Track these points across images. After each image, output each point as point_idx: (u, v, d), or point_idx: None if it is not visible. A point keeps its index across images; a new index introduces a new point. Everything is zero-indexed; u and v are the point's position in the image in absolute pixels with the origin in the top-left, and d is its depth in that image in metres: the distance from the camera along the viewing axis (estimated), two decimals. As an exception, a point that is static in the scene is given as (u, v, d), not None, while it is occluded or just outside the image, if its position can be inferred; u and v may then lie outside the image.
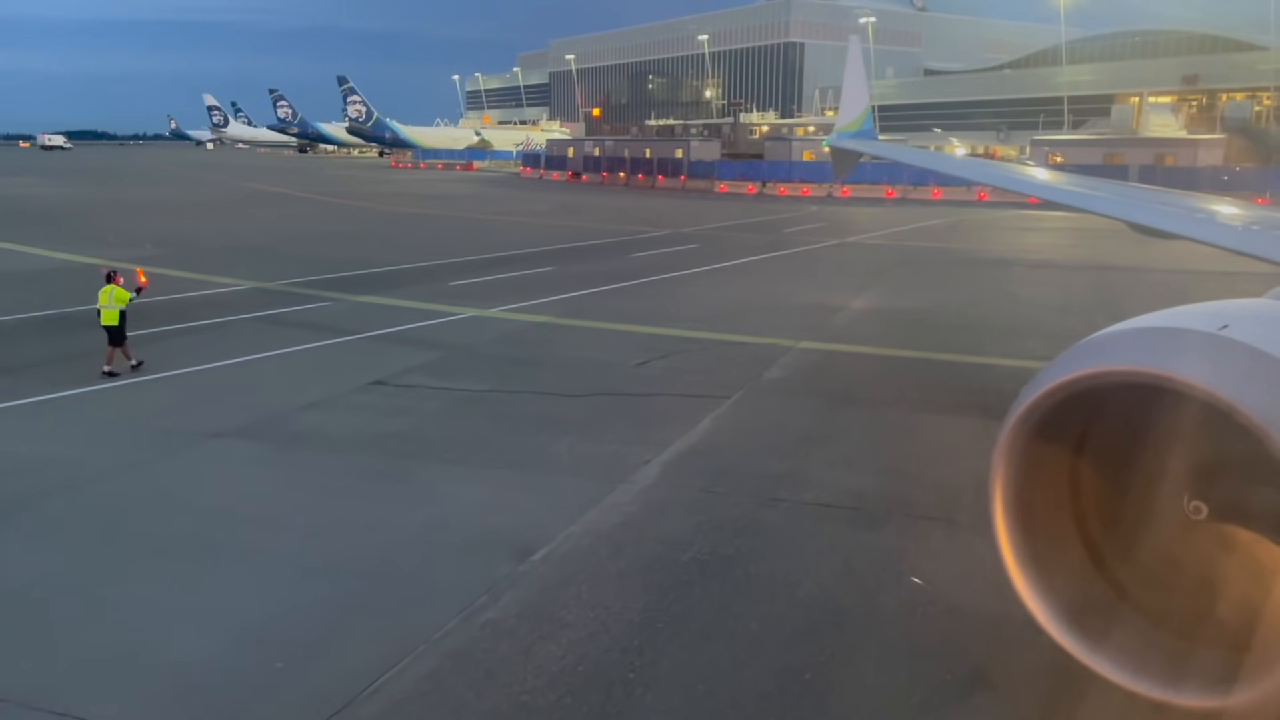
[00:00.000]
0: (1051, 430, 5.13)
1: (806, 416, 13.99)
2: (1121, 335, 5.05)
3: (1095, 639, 5.09)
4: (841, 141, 21.80)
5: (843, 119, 22.42)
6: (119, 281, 16.14)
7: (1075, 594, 5.22)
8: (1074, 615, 5.16)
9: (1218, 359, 4.56)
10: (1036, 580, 5.20)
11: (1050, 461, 5.25)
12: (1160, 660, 4.97)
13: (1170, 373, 4.55)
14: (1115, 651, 5.05)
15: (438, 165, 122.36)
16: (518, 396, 14.89)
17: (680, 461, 11.92)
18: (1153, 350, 4.76)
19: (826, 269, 30.86)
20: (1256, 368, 4.49)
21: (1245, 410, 4.30)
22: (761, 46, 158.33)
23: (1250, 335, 4.68)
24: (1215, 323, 4.79)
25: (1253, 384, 4.40)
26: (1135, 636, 5.07)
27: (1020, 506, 5.24)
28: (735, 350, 18.36)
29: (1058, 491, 5.35)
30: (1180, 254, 34.75)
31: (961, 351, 18.25)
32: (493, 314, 21.72)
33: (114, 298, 15.90)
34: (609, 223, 46.41)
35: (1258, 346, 4.58)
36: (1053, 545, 5.31)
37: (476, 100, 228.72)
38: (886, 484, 11.16)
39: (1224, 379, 4.43)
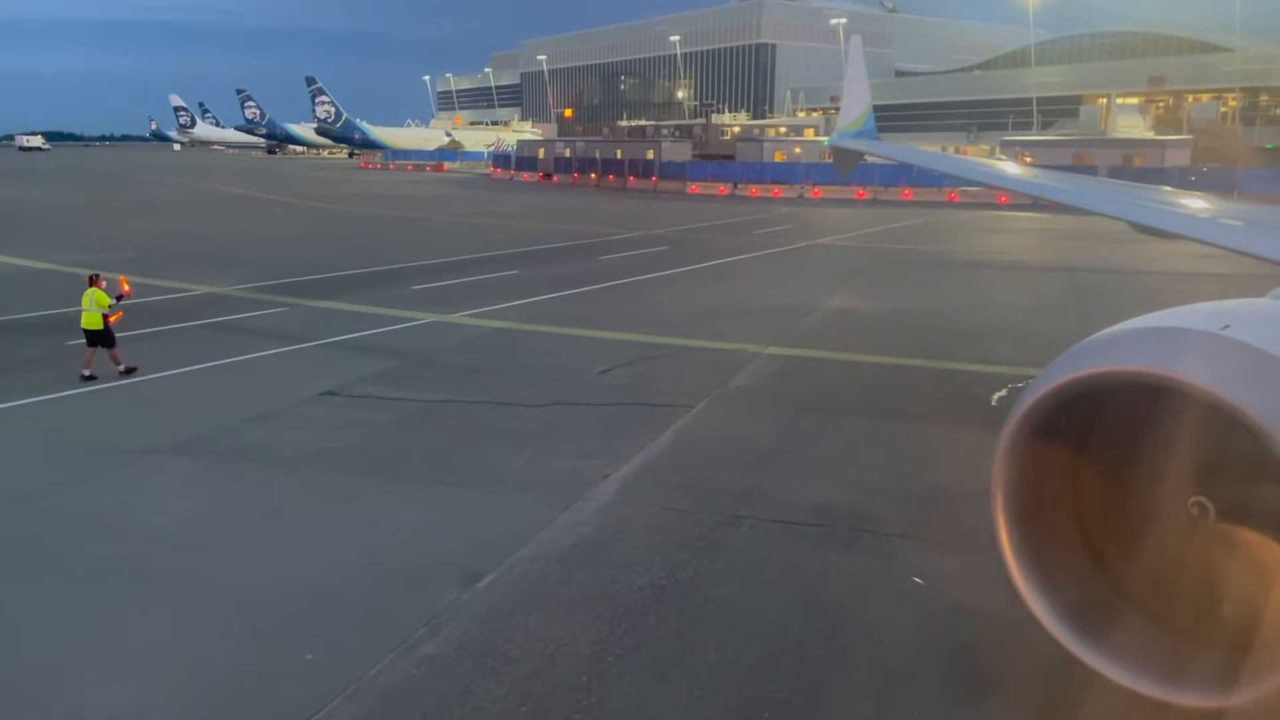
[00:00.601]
0: (1053, 430, 5.12)
1: (772, 426, 13.54)
2: (1123, 335, 5.03)
3: (1097, 639, 5.08)
4: (843, 141, 21.54)
5: (844, 119, 22.26)
6: (101, 285, 15.71)
7: (1077, 594, 5.22)
8: (1075, 615, 5.15)
9: (1219, 359, 4.56)
10: (1038, 580, 5.19)
11: (1052, 461, 5.23)
12: (1162, 660, 4.96)
13: (1172, 373, 4.55)
14: (1117, 651, 5.03)
15: (407, 166, 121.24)
16: (474, 407, 14.34)
17: (640, 476, 11.42)
18: (1154, 350, 4.76)
19: (796, 271, 30.47)
20: (1258, 368, 4.49)
21: (1247, 410, 4.31)
22: (733, 47, 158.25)
23: (1252, 335, 4.67)
24: (1217, 323, 4.79)
25: (1254, 384, 4.40)
26: (1137, 636, 5.07)
27: (1022, 506, 5.22)
28: (701, 356, 17.90)
29: (1059, 491, 5.34)
30: (1149, 255, 34.70)
31: (931, 357, 17.88)
32: (454, 319, 21.13)
33: (95, 301, 15.49)
34: (578, 224, 45.87)
35: (1259, 346, 4.58)
36: (1054, 545, 5.30)
37: (448, 101, 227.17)
38: (854, 499, 10.71)
39: (1226, 379, 4.43)
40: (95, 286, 15.69)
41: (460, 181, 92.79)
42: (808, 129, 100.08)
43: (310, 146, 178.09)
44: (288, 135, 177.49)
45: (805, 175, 70.42)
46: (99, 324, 15.51)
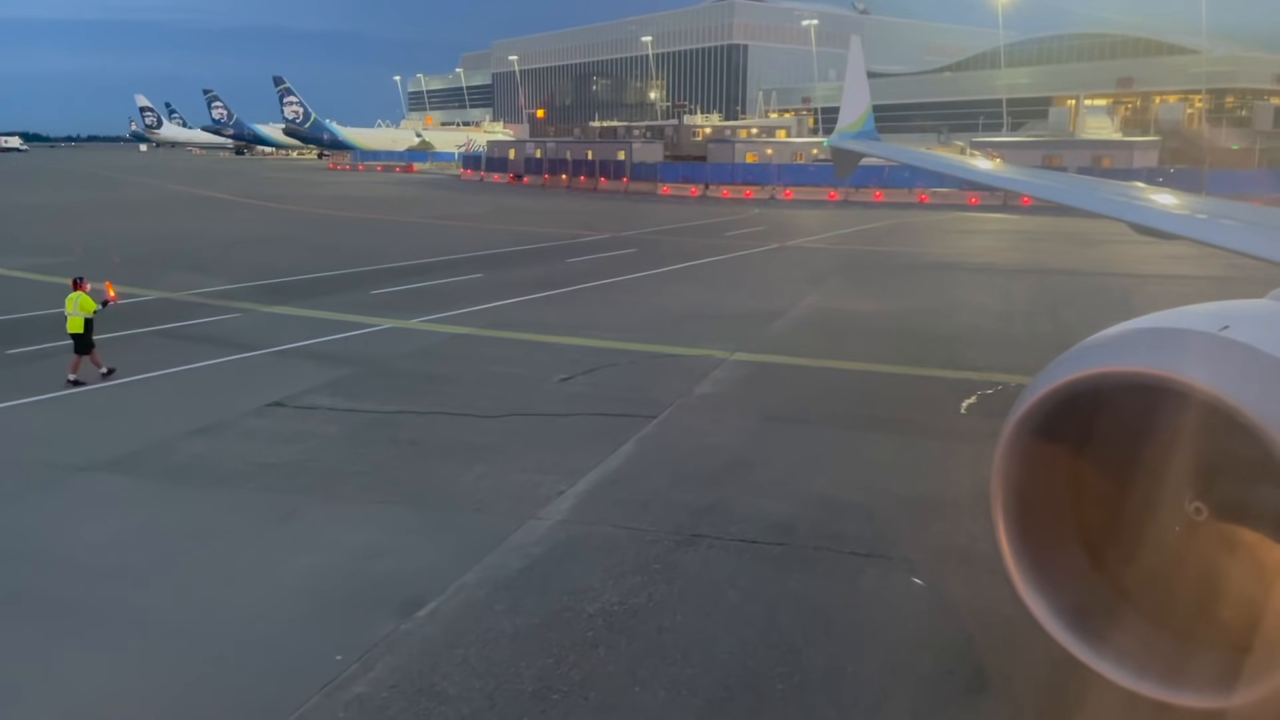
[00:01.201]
0: (1053, 430, 5.11)
1: (736, 437, 13.10)
2: (1123, 336, 5.04)
3: (1096, 639, 5.07)
4: (843, 142, 21.35)
5: (844, 119, 22.10)
6: (85, 289, 15.39)
7: (1076, 594, 5.21)
8: (1075, 616, 5.14)
9: (1219, 360, 4.57)
10: (1037, 580, 5.18)
11: (1051, 461, 5.21)
12: (1161, 661, 4.94)
13: (1172, 373, 4.56)
14: (1116, 652, 5.02)
15: (377, 167, 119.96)
16: (427, 418, 13.80)
17: (597, 492, 10.95)
18: (1154, 351, 4.77)
19: (765, 275, 30.11)
20: (1257, 368, 4.50)
21: (1246, 411, 4.31)
22: (705, 48, 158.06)
23: (1251, 336, 4.69)
24: (1216, 323, 4.80)
25: (1254, 384, 4.41)
26: (1136, 637, 5.06)
27: (1021, 506, 5.20)
28: (666, 363, 17.45)
29: (1059, 491, 5.32)
30: (1119, 258, 34.65)
31: (899, 363, 17.52)
32: (412, 325, 20.55)
33: (79, 305, 15.20)
34: (546, 226, 45.32)
35: (1259, 347, 4.59)
36: (1053, 545, 5.28)
37: (419, 101, 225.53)
38: (817, 515, 10.29)
39: (1225, 380, 4.44)
40: (79, 290, 15.37)
41: (429, 183, 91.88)
42: (779, 130, 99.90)
43: (279, 147, 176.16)
44: (256, 136, 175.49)
45: (777, 176, 70.17)
46: (81, 328, 15.21)
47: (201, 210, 56.05)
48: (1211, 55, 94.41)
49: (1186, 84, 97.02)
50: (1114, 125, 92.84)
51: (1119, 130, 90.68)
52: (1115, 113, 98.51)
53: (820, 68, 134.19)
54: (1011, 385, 15.87)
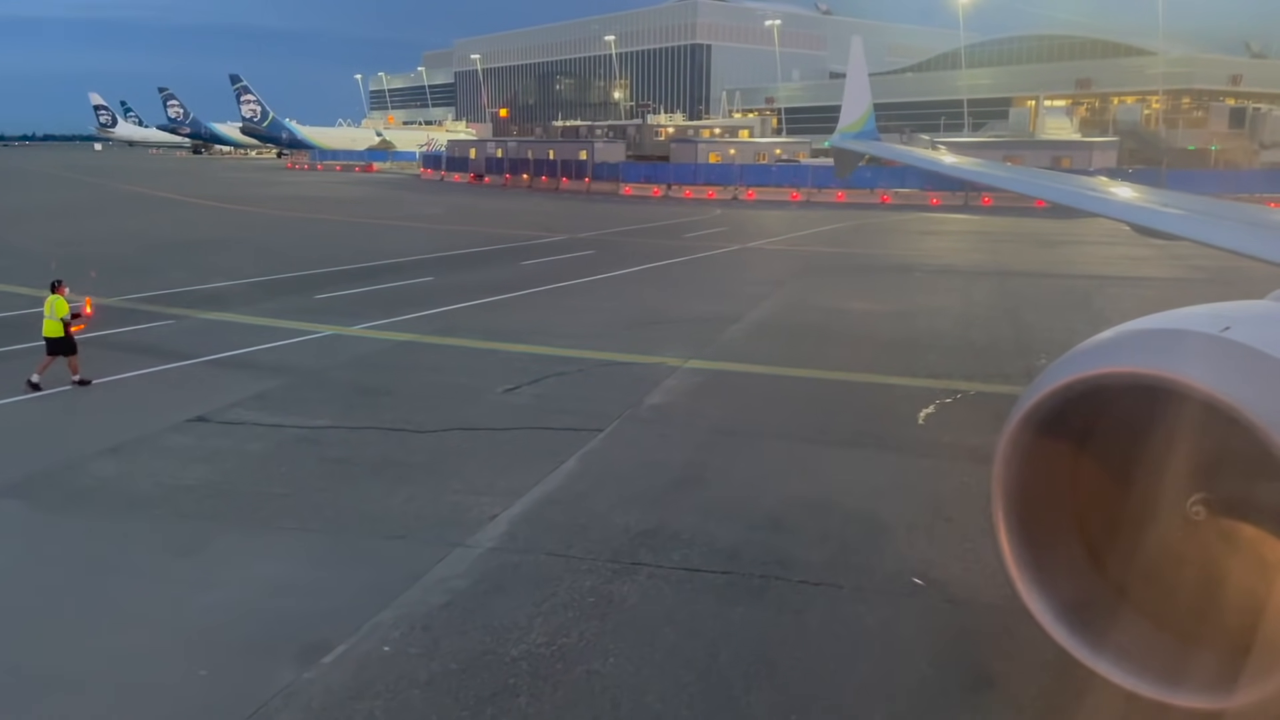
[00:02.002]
0: (1054, 430, 5.11)
1: (685, 451, 12.46)
2: (1124, 337, 5.06)
3: (1096, 639, 5.06)
4: (844, 142, 21.16)
5: (845, 119, 21.83)
6: (63, 292, 14.99)
7: (1076, 594, 5.21)
8: (1074, 615, 5.13)
9: (1220, 360, 4.59)
10: (1036, 580, 5.18)
11: (1052, 462, 5.22)
12: (1161, 661, 4.94)
13: (1172, 374, 4.58)
14: (1116, 652, 5.02)
15: (336, 167, 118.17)
16: (358, 434, 13.03)
17: (533, 515, 10.26)
18: (1155, 351, 4.79)
19: (725, 277, 29.53)
20: (1258, 369, 4.51)
21: (1247, 411, 4.32)
22: (668, 48, 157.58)
23: (1252, 337, 4.70)
24: (1217, 324, 4.83)
25: (1254, 385, 4.42)
26: (1136, 637, 5.06)
27: (1021, 506, 5.20)
28: (617, 372, 16.78)
29: (1059, 492, 5.33)
30: (1080, 258, 34.49)
31: (858, 369, 16.97)
32: (354, 332, 19.73)
33: (55, 309, 14.79)
34: (504, 227, 44.49)
35: (1259, 348, 4.61)
36: (1053, 545, 5.29)
37: (380, 100, 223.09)
38: (766, 538, 9.67)
39: (1226, 380, 4.45)
40: (58, 294, 14.97)
41: (388, 182, 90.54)
42: (742, 130, 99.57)
43: (237, 146, 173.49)
44: (213, 135, 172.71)
45: (739, 177, 69.68)
46: (59, 332, 14.90)
47: (149, 211, 54.63)
48: (1168, 57, 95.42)
49: (1144, 85, 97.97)
50: (1073, 126, 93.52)
51: (1078, 131, 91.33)
52: (1074, 113, 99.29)
53: (783, 68, 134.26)
54: (970, 393, 15.39)
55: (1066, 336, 20.20)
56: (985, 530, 9.99)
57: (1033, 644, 7.77)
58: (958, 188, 63.08)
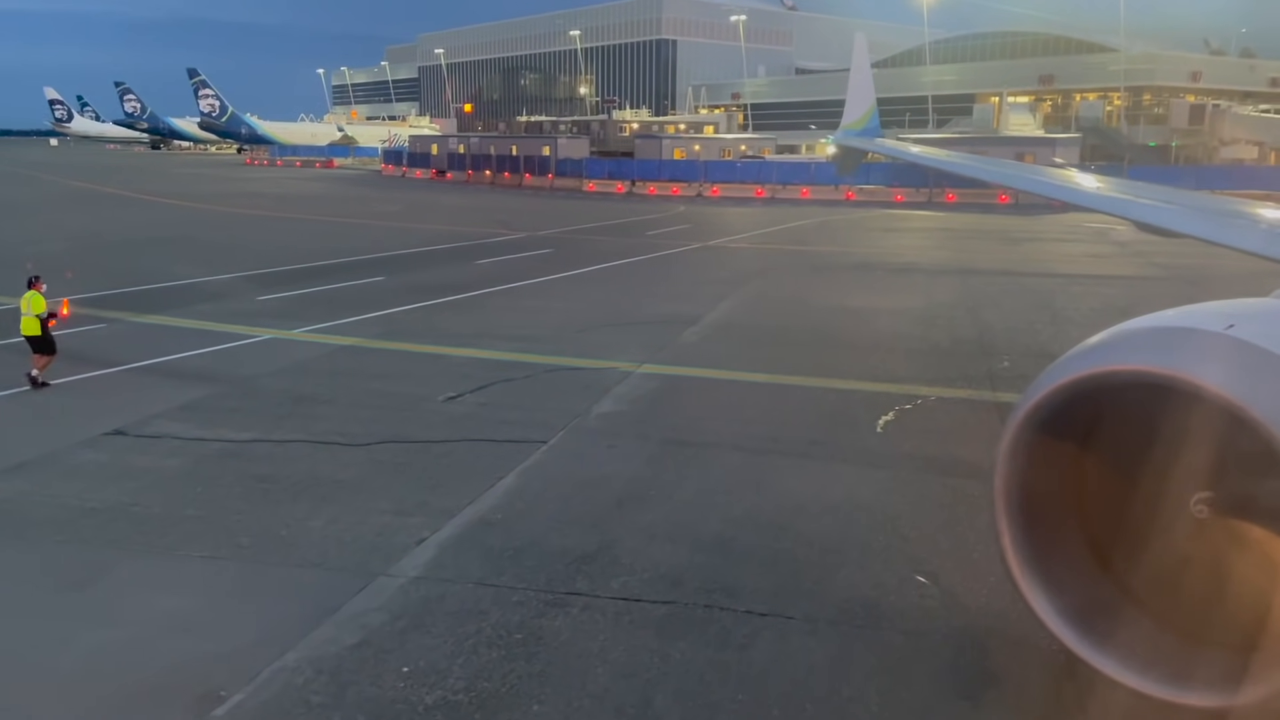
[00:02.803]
0: (1057, 428, 5.06)
1: (632, 465, 11.81)
2: (1128, 334, 5.03)
3: (1100, 639, 5.01)
4: (847, 140, 20.87)
5: (848, 117, 21.64)
6: (40, 288, 14.96)
7: (1080, 593, 5.14)
8: (1078, 615, 5.08)
9: (1224, 358, 4.55)
10: (1040, 579, 5.13)
11: (1055, 460, 5.17)
12: (1166, 660, 4.90)
13: (1177, 371, 4.56)
14: (1121, 651, 4.97)
15: (296, 162, 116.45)
16: (285, 448, 12.26)
17: (464, 539, 9.57)
18: (1159, 349, 4.77)
19: (685, 276, 28.93)
20: (1263, 366, 4.49)
21: (1251, 409, 4.31)
22: (634, 43, 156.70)
23: (1256, 334, 4.67)
24: (1222, 322, 4.80)
25: (1259, 382, 4.40)
26: (1141, 636, 5.01)
27: (1024, 504, 5.15)
28: (566, 378, 16.10)
29: (1062, 489, 5.29)
30: (1042, 256, 34.22)
31: (816, 374, 16.42)
32: (294, 336, 18.91)
33: (32, 305, 14.74)
34: (462, 225, 43.61)
35: (1264, 346, 4.58)
36: (1057, 543, 5.23)
37: (343, 95, 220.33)
38: (712, 563, 9.04)
39: (1230, 378, 4.43)
40: (35, 290, 14.67)
41: (348, 179, 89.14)
42: (707, 126, 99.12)
43: (196, 142, 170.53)
44: (171, 130, 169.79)
45: (704, 173, 69.11)
46: (36, 329, 14.73)
47: (98, 208, 53.14)
48: (1129, 54, 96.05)
49: (1106, 82, 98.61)
50: (1036, 122, 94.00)
51: (1041, 127, 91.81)
52: (1037, 110, 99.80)
53: (750, 64, 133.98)
54: (931, 399, 14.88)
55: (1029, 338, 19.86)
56: (943, 551, 9.49)
57: (997, 681, 7.25)
58: (922, 183, 62.97)
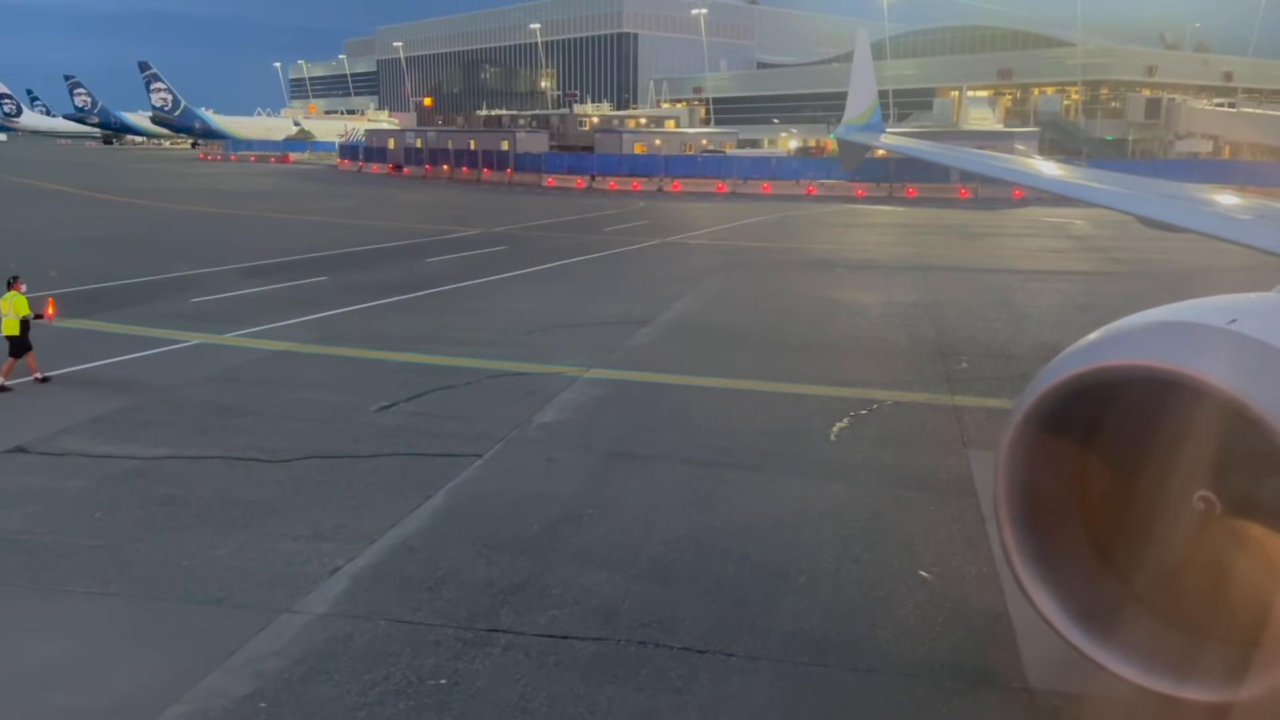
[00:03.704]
0: (1059, 424, 5.04)
1: (572, 481, 11.11)
2: (1130, 329, 5.01)
3: (1104, 635, 5.01)
4: (850, 135, 20.83)
5: (850, 112, 21.59)
6: (20, 288, 14.69)
7: (1082, 590, 5.13)
8: (1081, 611, 5.06)
9: (1227, 353, 4.54)
10: (1042, 576, 5.11)
11: (1057, 456, 5.15)
12: (1169, 656, 4.89)
13: (1179, 367, 4.55)
14: (1124, 647, 4.97)
15: (250, 157, 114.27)
16: (200, 466, 11.42)
17: (382, 568, 8.82)
18: (1162, 344, 4.75)
19: (641, 274, 28.25)
20: (1265, 362, 4.48)
21: (1254, 404, 4.30)
22: (595, 36, 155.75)
23: (1259, 329, 4.66)
24: (1224, 317, 4.77)
25: (1261, 378, 4.39)
26: (1144, 632, 5.00)
27: (1025, 501, 5.12)
28: (509, 384, 15.37)
29: (1064, 486, 5.26)
30: (1001, 251, 33.94)
31: (769, 378, 15.82)
32: (226, 340, 17.99)
33: (14, 306, 14.43)
34: (415, 222, 42.62)
35: (1267, 341, 4.57)
36: (1059, 540, 5.21)
37: (301, 89, 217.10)
38: (650, 592, 8.37)
39: (1233, 373, 4.42)
40: (14, 290, 14.26)
41: (302, 174, 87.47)
42: (668, 120, 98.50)
43: (150, 137, 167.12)
44: (123, 124, 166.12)
45: (664, 168, 68.44)
46: (17, 330, 14.41)
47: (31, 205, 51.43)
48: (1086, 48, 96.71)
49: (1063, 76, 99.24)
50: (995, 116, 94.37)
51: (1000, 121, 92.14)
52: (997, 104, 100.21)
53: (711, 58, 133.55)
54: (887, 403, 14.32)
55: (987, 337, 19.39)
56: (897, 575, 8.89)
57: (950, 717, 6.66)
58: (883, 178, 62.78)
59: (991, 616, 7.95)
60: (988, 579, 8.60)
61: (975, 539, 9.48)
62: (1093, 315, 21.36)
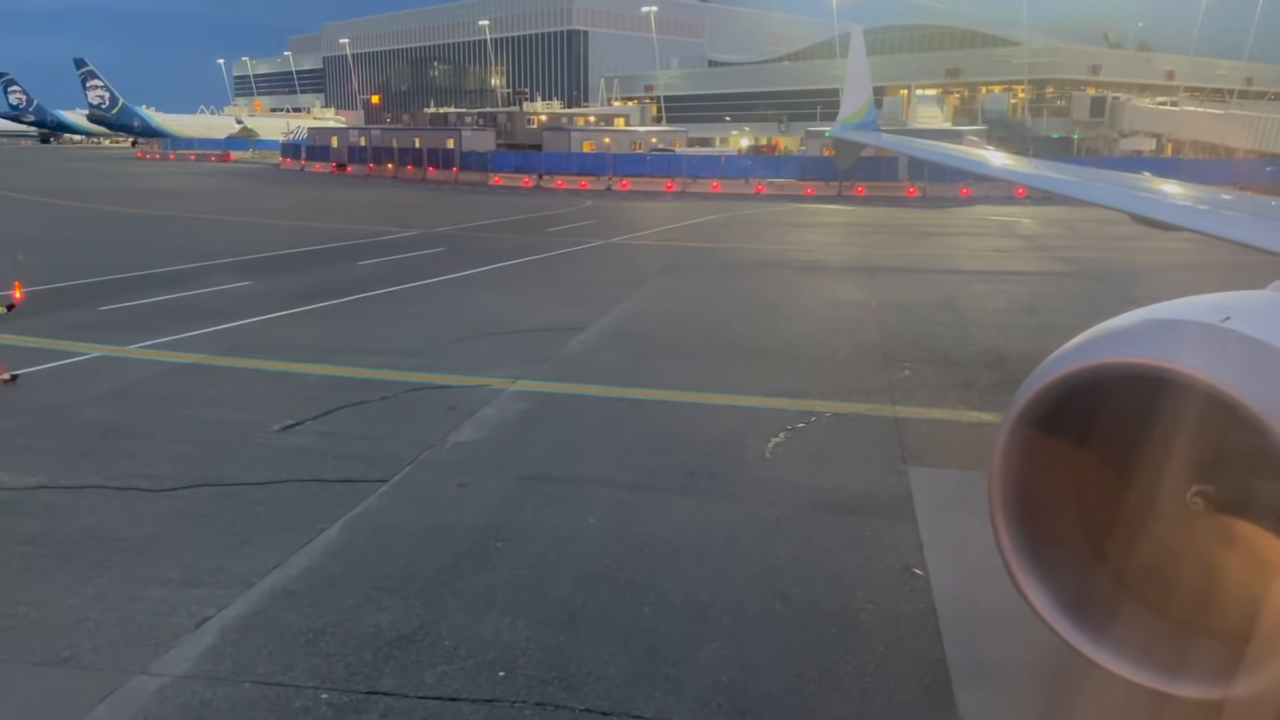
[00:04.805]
0: (1053, 422, 5.08)
1: (483, 509, 10.23)
2: (1124, 327, 5.04)
3: (1096, 631, 5.05)
4: (845, 133, 20.75)
5: (845, 110, 21.47)
6: None
7: (1076, 586, 5.20)
8: (1074, 607, 5.12)
9: (1220, 351, 4.58)
10: (1035, 573, 5.15)
11: (1051, 453, 5.18)
12: (1162, 652, 4.94)
13: (1172, 364, 4.57)
14: (1116, 643, 5.01)
15: (190, 156, 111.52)
16: (74, 497, 10.38)
17: (257, 617, 7.89)
18: (1155, 342, 4.78)
19: (580, 277, 27.42)
20: (1259, 359, 4.52)
21: (1248, 402, 4.32)
22: (545, 34, 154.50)
23: (1253, 327, 4.70)
24: (1218, 314, 4.82)
25: (1255, 375, 4.43)
26: (1137, 628, 5.03)
27: (1019, 499, 5.17)
28: (429, 399, 14.45)
29: (1058, 483, 5.31)
30: (948, 251, 33.61)
31: (706, 388, 15.08)
32: (128, 353, 16.86)
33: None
34: (353, 222, 41.38)
35: (1260, 338, 4.61)
36: (1052, 537, 5.28)
37: (246, 87, 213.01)
38: (555, 641, 7.54)
39: (1227, 371, 4.45)
40: None
41: (243, 173, 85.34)
42: (618, 118, 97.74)
43: (90, 135, 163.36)
44: (59, 123, 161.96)
45: (612, 167, 67.62)
46: None
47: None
48: (1032, 47, 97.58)
49: (1010, 74, 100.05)
50: (944, 115, 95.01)
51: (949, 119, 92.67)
52: (945, 102, 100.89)
53: (662, 56, 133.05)
54: (826, 415, 13.63)
55: (932, 342, 18.80)
56: (826, 614, 8.14)
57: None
58: (832, 176, 62.57)
59: (927, 664, 7.23)
60: (923, 619, 7.89)
61: (913, 570, 8.78)
62: (1038, 318, 20.93)
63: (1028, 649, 7.14)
